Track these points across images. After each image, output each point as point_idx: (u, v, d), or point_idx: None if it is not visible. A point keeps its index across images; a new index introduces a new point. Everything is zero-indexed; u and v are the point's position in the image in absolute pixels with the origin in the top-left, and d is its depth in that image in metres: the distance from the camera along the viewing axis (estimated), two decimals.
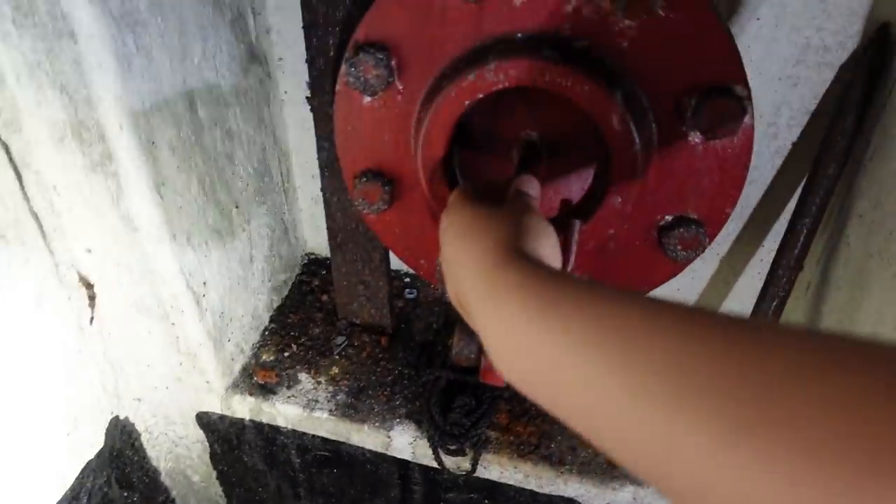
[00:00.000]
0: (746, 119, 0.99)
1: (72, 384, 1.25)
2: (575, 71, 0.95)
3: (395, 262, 1.52)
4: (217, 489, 1.66)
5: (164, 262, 1.17)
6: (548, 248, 0.74)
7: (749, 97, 0.98)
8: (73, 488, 1.30)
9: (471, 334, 1.16)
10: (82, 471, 1.32)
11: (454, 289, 0.77)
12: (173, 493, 1.66)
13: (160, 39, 1.04)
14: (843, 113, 1.12)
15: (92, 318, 1.27)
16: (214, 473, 1.61)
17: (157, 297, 1.22)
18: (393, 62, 1.05)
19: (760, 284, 1.27)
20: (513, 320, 0.56)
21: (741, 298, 1.44)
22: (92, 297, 1.26)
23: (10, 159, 1.06)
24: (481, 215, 0.79)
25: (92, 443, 1.34)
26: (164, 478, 1.62)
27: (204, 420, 1.46)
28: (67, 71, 0.99)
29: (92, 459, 1.34)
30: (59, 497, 1.27)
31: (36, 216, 1.12)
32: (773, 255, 1.24)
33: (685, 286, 1.46)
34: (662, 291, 1.27)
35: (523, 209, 0.83)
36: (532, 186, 1.01)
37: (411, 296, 1.57)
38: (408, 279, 1.62)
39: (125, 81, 0.99)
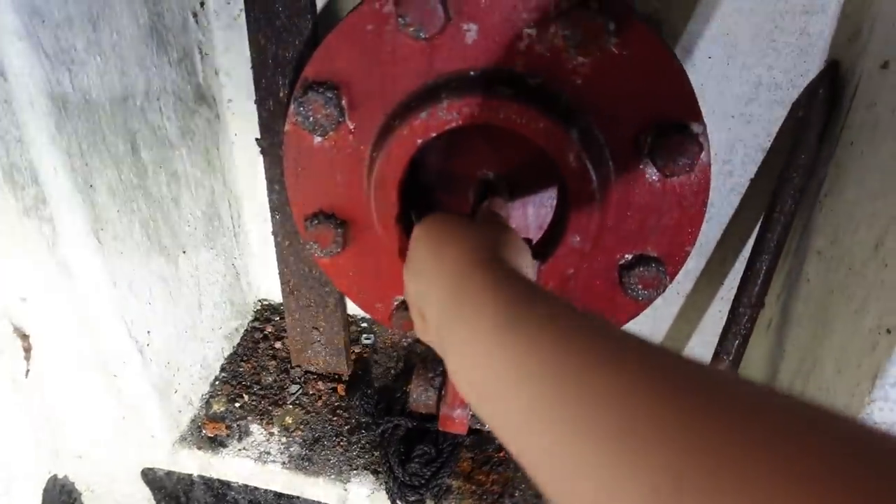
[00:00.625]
0: (703, 156, 0.98)
1: (4, 441, 1.17)
2: (529, 108, 0.93)
3: (352, 307, 1.47)
4: None
5: (103, 311, 1.11)
6: (525, 266, 0.70)
7: (705, 133, 0.97)
8: None
9: (429, 380, 1.12)
10: None
11: (420, 311, 0.72)
12: None
13: (98, 80, 1.00)
14: (796, 149, 1.12)
15: (27, 371, 1.20)
16: None
17: (97, 347, 1.16)
18: (343, 101, 1.03)
19: (723, 322, 1.25)
20: (478, 323, 0.52)
21: (704, 336, 1.42)
22: (27, 349, 1.19)
23: None
24: (455, 225, 0.75)
25: None
26: None
27: (150, 476, 1.38)
28: None
29: None
30: None
31: None
32: (733, 292, 1.23)
33: (647, 326, 1.44)
34: (629, 326, 1.24)
35: (500, 225, 0.79)
36: (502, 209, 0.99)
37: (368, 341, 1.52)
38: (364, 324, 1.57)
39: (60, 122, 0.94)
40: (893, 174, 0.91)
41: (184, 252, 1.27)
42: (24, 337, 1.18)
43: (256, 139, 1.33)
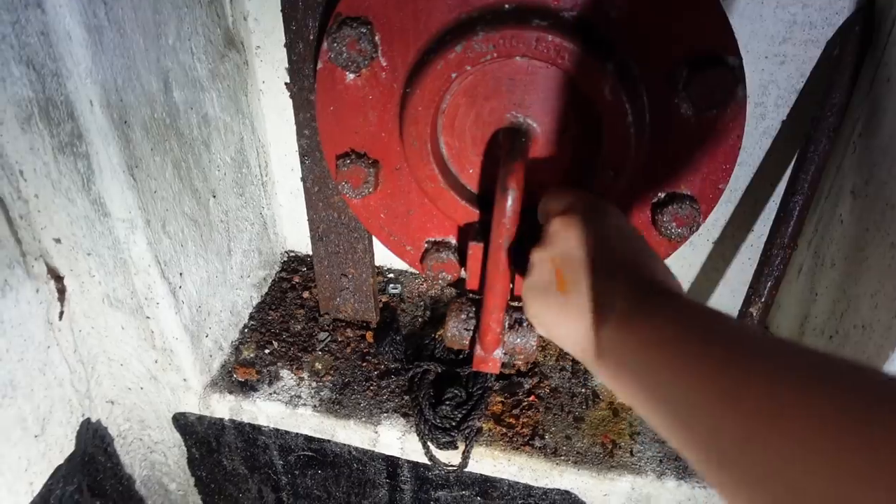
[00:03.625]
0: (739, 90, 0.97)
1: (40, 383, 1.19)
2: (565, 39, 0.93)
3: (379, 258, 1.48)
4: (195, 497, 1.59)
5: (137, 251, 1.11)
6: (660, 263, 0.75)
7: (741, 67, 0.96)
8: (41, 495, 1.23)
9: (462, 320, 1.12)
10: (51, 476, 1.25)
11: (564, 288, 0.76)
12: (149, 503, 1.59)
13: (133, 14, 1.00)
14: (831, 89, 1.11)
15: (62, 313, 1.21)
16: (192, 480, 1.54)
17: (131, 288, 1.17)
18: (376, 36, 1.02)
19: (752, 270, 1.24)
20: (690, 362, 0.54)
21: (732, 285, 1.41)
22: (61, 291, 1.20)
23: None
24: (618, 240, 0.78)
25: (62, 447, 1.27)
26: (138, 486, 1.54)
27: (181, 422, 1.39)
28: (34, 43, 0.94)
29: (62, 465, 1.27)
30: (26, 502, 1.20)
31: (2, 201, 1.06)
32: (763, 239, 1.22)
33: (678, 273, 1.43)
34: None
35: (639, 237, 0.81)
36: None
37: (395, 291, 1.52)
38: (391, 274, 1.58)
39: (97, 55, 0.94)
40: None
41: (214, 196, 1.27)
42: (59, 279, 1.19)
43: (286, 83, 1.33)
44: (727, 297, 1.42)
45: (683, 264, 1.43)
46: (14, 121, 1.02)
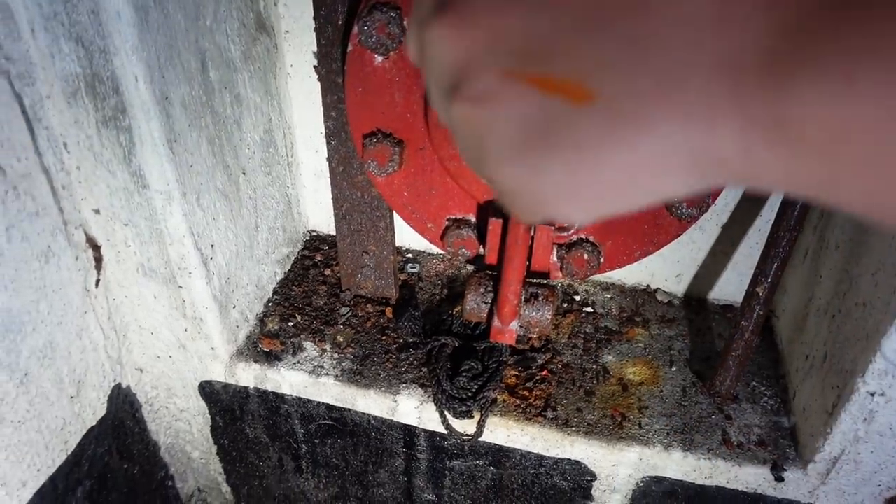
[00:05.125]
0: None
1: (77, 346, 1.25)
2: None
3: (398, 239, 1.53)
4: (217, 466, 1.65)
5: (173, 222, 1.17)
6: None
7: None
8: (74, 454, 1.29)
9: (481, 294, 1.17)
10: (84, 436, 1.31)
11: None
12: (172, 470, 1.65)
13: None
14: None
15: (98, 281, 1.27)
16: (215, 448, 1.60)
17: (165, 257, 1.23)
18: (405, 21, 1.07)
19: (759, 253, 1.29)
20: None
21: (739, 268, 1.46)
22: (98, 259, 1.26)
23: (24, 112, 1.06)
24: None
25: (95, 409, 1.33)
26: (163, 453, 1.61)
27: (206, 390, 1.45)
28: (84, 21, 0.99)
29: (94, 426, 1.33)
30: (60, 462, 1.26)
31: (47, 171, 1.12)
32: (770, 224, 1.27)
33: (687, 256, 1.48)
34: (663, 260, 1.29)
35: None
36: None
37: (414, 270, 1.58)
38: (410, 254, 1.63)
39: (142, 33, 1.00)
40: None
41: (244, 173, 1.33)
42: (97, 248, 1.25)
43: (315, 66, 1.38)
44: (735, 279, 1.48)
45: (694, 247, 1.48)
46: (61, 95, 1.08)
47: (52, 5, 0.99)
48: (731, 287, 1.51)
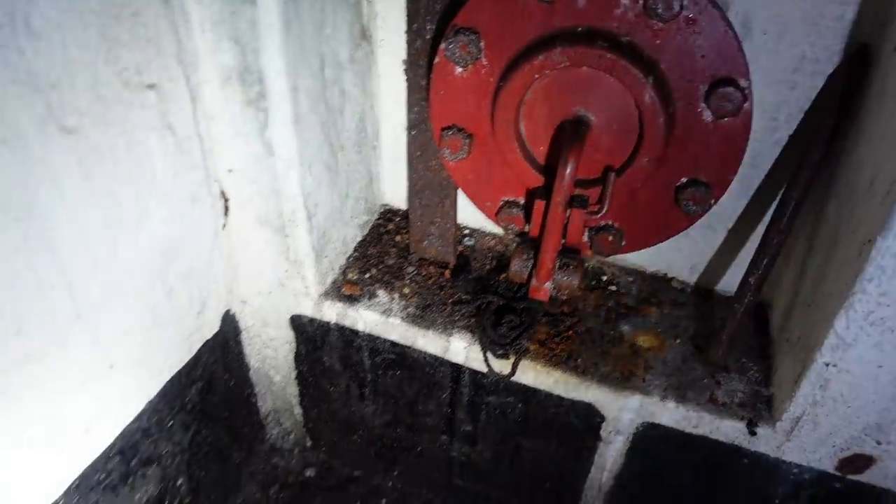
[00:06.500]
0: (746, 105, 1.31)
1: (205, 275, 1.61)
2: (620, 57, 1.28)
3: (458, 217, 1.85)
4: (293, 389, 2.01)
5: (290, 184, 1.52)
6: None
7: (750, 88, 1.31)
8: (194, 358, 1.65)
9: (524, 259, 1.49)
10: (202, 345, 1.67)
11: None
12: (256, 390, 2.01)
13: (309, 12, 1.40)
14: (826, 112, 1.43)
15: (224, 225, 1.62)
16: (294, 374, 1.96)
17: (279, 211, 1.57)
18: (482, 43, 1.40)
19: None
20: None
21: (742, 264, 1.74)
22: (226, 209, 1.61)
23: (189, 90, 1.41)
24: None
25: (211, 327, 1.70)
26: (251, 374, 1.97)
27: (296, 322, 1.80)
28: (243, 27, 1.34)
29: (209, 339, 1.70)
30: (185, 360, 1.62)
31: (200, 137, 1.47)
32: None
33: (698, 248, 1.77)
34: (679, 253, 1.59)
35: None
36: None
37: (469, 243, 1.90)
38: (467, 230, 1.95)
39: (285, 38, 1.34)
40: (887, 134, 1.22)
41: (342, 151, 1.67)
42: (226, 199, 1.61)
43: (405, 69, 1.71)
44: (737, 273, 1.75)
45: (705, 246, 1.76)
46: (217, 80, 1.43)
47: (221, 13, 1.34)
48: (734, 281, 1.78)
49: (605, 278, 1.86)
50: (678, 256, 1.82)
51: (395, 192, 2.01)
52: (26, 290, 1.14)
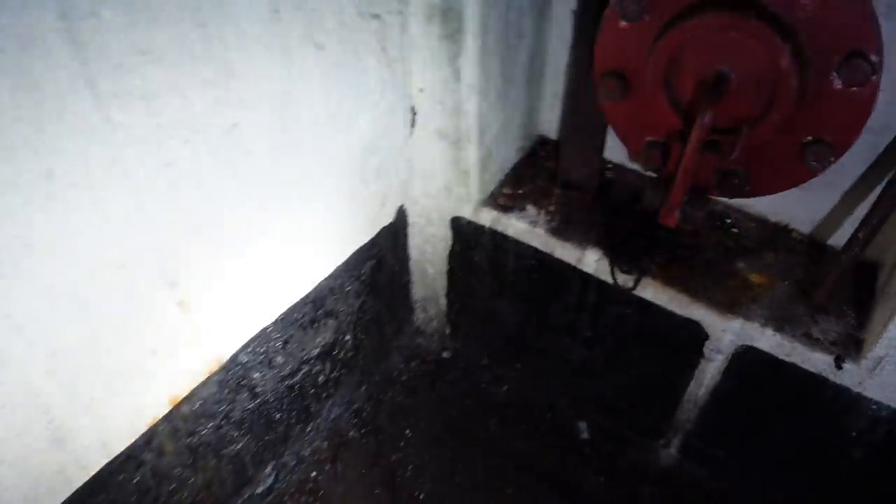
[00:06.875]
0: (874, 77, 1.50)
1: (391, 175, 1.98)
2: (763, 24, 1.50)
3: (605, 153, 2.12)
4: (442, 282, 2.38)
5: (470, 105, 1.84)
6: None
7: (881, 63, 1.49)
8: (373, 240, 2.04)
9: (656, 190, 1.75)
10: (379, 231, 2.06)
11: None
12: (412, 278, 2.40)
13: None
14: None
15: (410, 134, 1.98)
16: (446, 268, 2.32)
17: (457, 127, 1.90)
18: (645, 2, 1.64)
19: None
20: None
21: (853, 224, 1.92)
22: (413, 121, 1.96)
23: (401, 22, 1.75)
24: None
25: (389, 217, 2.08)
26: (411, 264, 2.35)
27: (456, 223, 2.15)
28: None
29: (385, 227, 2.08)
30: (365, 240, 2.02)
31: (403, 60, 1.81)
32: None
33: (818, 202, 1.96)
34: (801, 206, 1.79)
35: None
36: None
37: (611, 175, 2.17)
38: (610, 165, 2.22)
39: None
40: None
41: (512, 83, 1.97)
42: (414, 113, 1.95)
43: (573, 17, 1.97)
44: (851, 227, 1.94)
45: (825, 202, 1.95)
46: (422, 17, 1.75)
47: None
48: (846, 231, 1.97)
49: (728, 221, 2.09)
50: (800, 209, 2.02)
51: (551, 124, 2.30)
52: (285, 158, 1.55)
